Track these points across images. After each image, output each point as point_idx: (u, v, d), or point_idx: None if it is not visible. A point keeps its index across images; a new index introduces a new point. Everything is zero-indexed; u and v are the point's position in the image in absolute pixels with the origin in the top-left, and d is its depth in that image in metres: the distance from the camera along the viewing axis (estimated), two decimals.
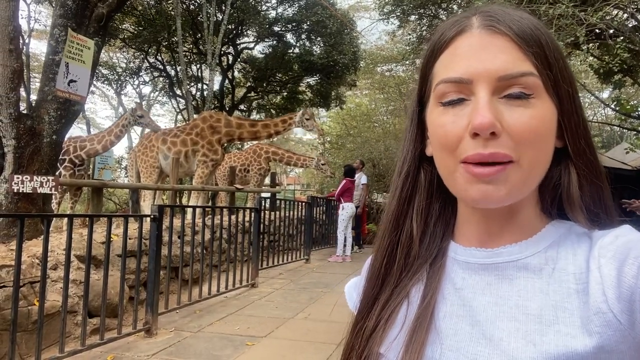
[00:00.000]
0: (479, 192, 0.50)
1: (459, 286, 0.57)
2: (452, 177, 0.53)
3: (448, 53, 0.55)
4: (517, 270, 0.54)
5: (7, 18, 4.22)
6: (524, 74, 0.50)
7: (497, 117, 0.49)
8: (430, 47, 0.59)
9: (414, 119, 0.62)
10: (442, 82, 0.54)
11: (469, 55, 0.52)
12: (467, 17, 0.55)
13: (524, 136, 0.50)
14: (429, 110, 0.58)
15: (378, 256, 0.64)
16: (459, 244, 0.60)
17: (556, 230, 0.56)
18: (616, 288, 0.46)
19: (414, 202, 0.63)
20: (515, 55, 0.51)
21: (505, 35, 0.52)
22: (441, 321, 0.56)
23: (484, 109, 0.49)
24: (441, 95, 0.54)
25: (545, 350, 0.47)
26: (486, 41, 0.52)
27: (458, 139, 0.52)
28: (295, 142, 34.76)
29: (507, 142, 0.49)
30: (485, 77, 0.51)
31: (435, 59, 0.57)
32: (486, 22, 0.53)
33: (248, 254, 6.31)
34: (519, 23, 0.52)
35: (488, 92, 0.50)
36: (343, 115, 21.26)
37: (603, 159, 2.53)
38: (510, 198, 0.51)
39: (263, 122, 8.13)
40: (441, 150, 0.54)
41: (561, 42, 5.19)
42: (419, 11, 10.16)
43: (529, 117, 0.50)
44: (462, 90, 0.52)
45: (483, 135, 0.49)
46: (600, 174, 0.57)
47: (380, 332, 0.59)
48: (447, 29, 0.56)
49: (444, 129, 0.53)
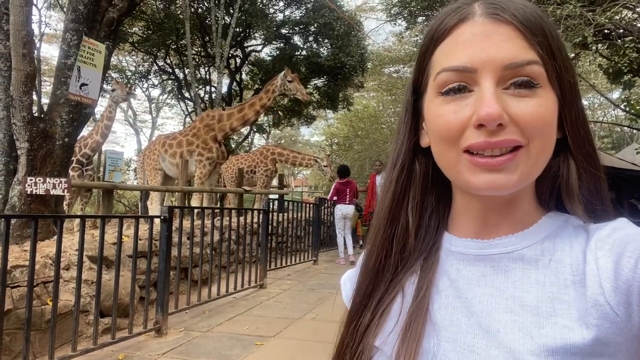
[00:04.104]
0: (485, 182, 0.50)
1: (454, 277, 0.56)
2: (455, 169, 0.52)
3: (449, 41, 0.53)
4: (512, 261, 0.53)
5: (20, 23, 4.30)
6: (529, 63, 0.49)
7: (504, 108, 0.48)
8: (430, 35, 0.56)
9: (409, 109, 0.60)
10: (444, 70, 0.52)
11: (473, 43, 0.51)
12: (468, 4, 0.53)
13: (532, 125, 0.49)
14: (427, 100, 0.56)
15: (373, 250, 0.62)
16: (454, 235, 0.59)
17: (553, 222, 0.55)
18: (613, 281, 0.46)
19: (409, 195, 0.61)
20: (520, 44, 0.50)
21: (510, 24, 0.50)
22: (436, 312, 0.55)
23: (490, 99, 0.48)
24: (442, 85, 0.52)
25: (543, 342, 0.47)
26: (490, 29, 0.50)
27: (460, 130, 0.50)
28: (303, 144, 34.83)
29: (514, 131, 0.49)
30: (490, 66, 0.49)
31: (435, 47, 0.55)
32: (489, 10, 0.51)
33: (256, 255, 6.35)
34: (522, 11, 0.51)
35: (493, 82, 0.49)
36: (350, 117, 21.28)
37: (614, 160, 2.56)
38: (518, 185, 0.50)
39: (249, 102, 7.82)
40: (441, 141, 0.53)
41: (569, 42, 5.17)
42: (426, 13, 10.15)
43: (536, 106, 0.49)
44: (465, 80, 0.51)
45: (490, 126, 0.48)
46: (598, 165, 0.56)
47: (375, 326, 0.58)
48: (447, 17, 0.54)
49: (444, 119, 0.51)
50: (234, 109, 7.91)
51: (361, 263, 0.64)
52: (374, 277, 0.61)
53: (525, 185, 0.53)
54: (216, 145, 7.76)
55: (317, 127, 29.27)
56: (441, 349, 0.52)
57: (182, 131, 8.35)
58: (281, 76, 7.55)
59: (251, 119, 7.91)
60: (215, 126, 7.73)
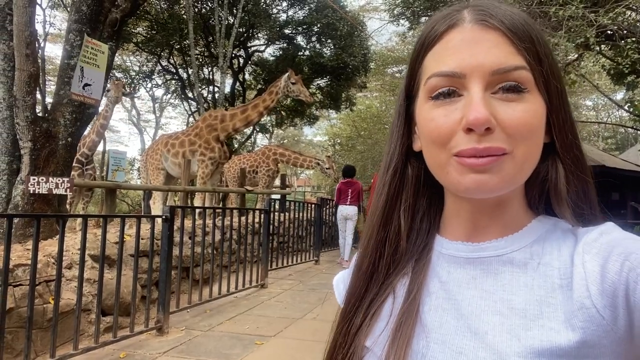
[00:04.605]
0: (472, 182, 0.50)
1: (444, 280, 0.57)
2: (444, 170, 0.53)
3: (439, 47, 0.54)
4: (502, 264, 0.54)
5: (24, 23, 4.33)
6: (517, 68, 0.51)
7: (492, 113, 0.49)
8: (420, 41, 0.58)
9: (401, 114, 0.62)
10: (434, 75, 0.53)
11: (462, 49, 0.52)
12: (458, 11, 0.55)
13: (518, 130, 0.50)
14: (419, 104, 0.57)
15: (366, 253, 0.63)
16: (445, 238, 0.60)
17: (542, 226, 0.56)
18: (599, 284, 0.47)
19: (401, 198, 0.62)
20: (508, 49, 0.51)
21: (498, 30, 0.52)
22: (427, 314, 0.56)
23: (478, 104, 0.49)
24: (432, 89, 0.53)
25: (530, 345, 0.47)
26: (478, 36, 0.52)
27: (450, 133, 0.51)
28: (306, 144, 34.84)
29: (501, 136, 0.50)
30: (478, 71, 0.50)
31: (426, 53, 0.56)
32: (478, 17, 0.53)
33: (258, 254, 6.36)
34: (510, 18, 0.52)
35: (482, 87, 0.50)
36: (353, 117, 21.28)
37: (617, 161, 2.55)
38: (503, 187, 0.51)
39: (252, 103, 7.81)
40: (432, 144, 0.54)
41: (571, 43, 5.16)
42: (429, 13, 10.14)
43: (523, 111, 0.50)
44: (454, 85, 0.52)
45: (478, 130, 0.49)
46: (586, 169, 0.57)
47: (366, 327, 0.59)
48: (437, 23, 0.56)
49: (435, 123, 0.53)
50: (237, 110, 7.91)
51: (354, 265, 0.65)
52: (366, 278, 0.62)
53: (515, 189, 0.54)
54: (218, 145, 7.78)
55: (319, 127, 29.29)
56: (430, 350, 0.53)
57: (185, 131, 8.39)
58: (285, 78, 7.54)
59: (254, 120, 7.90)
60: (218, 126, 7.75)
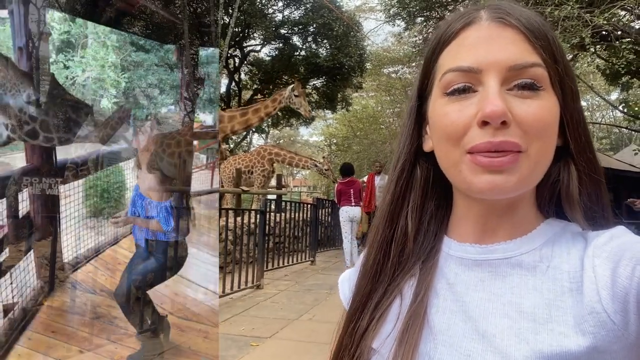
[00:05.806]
0: (486, 183, 0.50)
1: (452, 281, 0.57)
2: (457, 169, 0.53)
3: (455, 44, 0.55)
4: (510, 267, 0.54)
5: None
6: (533, 65, 0.51)
7: (507, 107, 0.49)
8: (436, 39, 0.58)
9: (413, 114, 0.62)
10: (450, 71, 0.53)
11: (478, 45, 0.52)
12: (475, 10, 0.56)
13: (534, 126, 0.49)
14: (432, 101, 0.57)
15: (372, 251, 0.62)
16: (454, 240, 0.60)
17: (551, 229, 0.55)
18: (610, 288, 0.46)
19: (408, 199, 0.62)
20: (524, 47, 0.51)
21: (515, 27, 0.52)
22: (434, 316, 0.55)
23: (495, 97, 0.49)
24: (447, 85, 0.53)
25: (539, 349, 0.47)
26: (495, 32, 0.52)
27: (464, 128, 0.51)
28: (302, 145, 34.86)
29: (516, 132, 0.49)
30: (495, 67, 0.50)
31: (441, 50, 0.56)
32: (495, 15, 0.53)
33: (253, 255, 6.34)
34: (527, 17, 0.53)
35: (498, 81, 0.50)
36: (349, 117, 21.32)
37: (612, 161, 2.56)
38: (518, 188, 0.51)
39: (253, 107, 7.75)
40: (445, 140, 0.53)
41: (567, 43, 5.18)
42: (425, 13, 10.18)
43: (539, 107, 0.50)
44: (470, 80, 0.52)
45: (494, 123, 0.49)
46: (599, 171, 0.56)
47: (373, 328, 0.58)
48: (454, 22, 0.56)
49: (449, 118, 0.52)
50: (236, 112, 7.82)
51: (360, 264, 0.64)
52: (372, 278, 0.61)
53: (526, 191, 0.53)
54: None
55: (316, 127, 29.29)
56: (437, 352, 0.53)
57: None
58: (290, 89, 7.70)
59: (254, 124, 7.95)
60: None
